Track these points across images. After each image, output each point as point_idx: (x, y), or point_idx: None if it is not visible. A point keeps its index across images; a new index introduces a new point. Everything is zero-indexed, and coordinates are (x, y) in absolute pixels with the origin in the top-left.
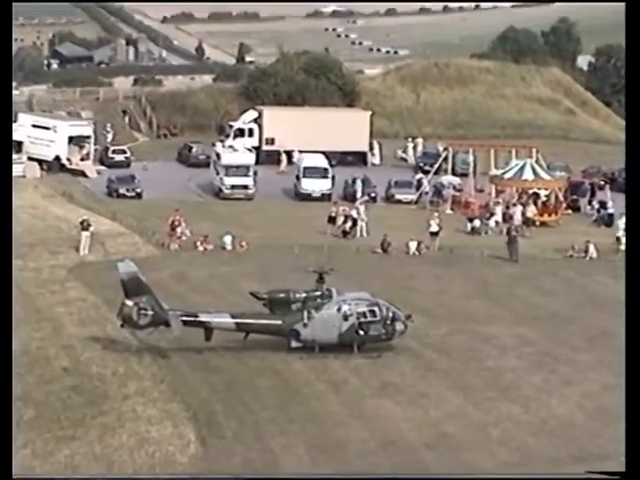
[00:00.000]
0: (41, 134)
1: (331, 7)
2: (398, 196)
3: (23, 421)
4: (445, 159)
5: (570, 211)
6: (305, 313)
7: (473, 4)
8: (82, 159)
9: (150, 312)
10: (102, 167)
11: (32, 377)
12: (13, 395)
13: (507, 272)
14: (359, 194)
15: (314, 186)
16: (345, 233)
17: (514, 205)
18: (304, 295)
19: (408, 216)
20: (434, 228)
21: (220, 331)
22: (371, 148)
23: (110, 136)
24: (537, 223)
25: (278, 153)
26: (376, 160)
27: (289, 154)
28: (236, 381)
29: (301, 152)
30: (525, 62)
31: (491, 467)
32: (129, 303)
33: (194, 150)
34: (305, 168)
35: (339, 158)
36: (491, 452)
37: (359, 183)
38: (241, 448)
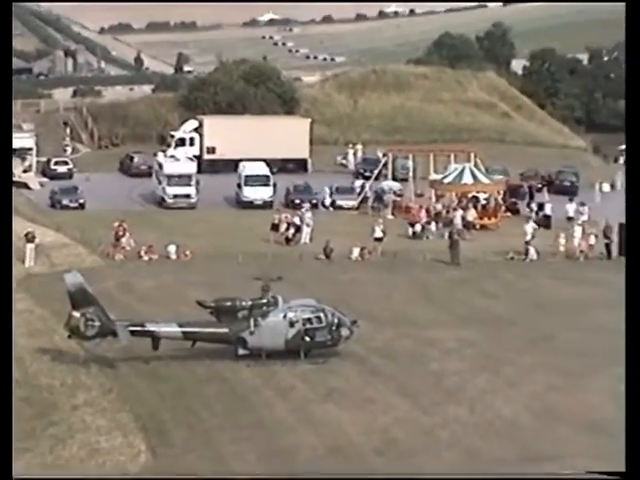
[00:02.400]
0: None
1: (267, 15)
2: (339, 202)
3: None
4: (385, 165)
5: (509, 214)
6: (251, 321)
7: (408, 8)
8: (25, 171)
9: (97, 323)
10: (44, 179)
11: None
12: None
13: (449, 276)
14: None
15: (256, 194)
16: (288, 240)
17: (454, 209)
18: (250, 303)
19: (350, 222)
20: (378, 234)
21: (167, 340)
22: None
23: (70, 149)
24: (477, 226)
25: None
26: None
27: None
28: (184, 389)
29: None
30: (461, 67)
31: (441, 471)
32: (76, 314)
33: (136, 160)
34: (247, 176)
35: (280, 165)
36: (440, 456)
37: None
38: (192, 456)
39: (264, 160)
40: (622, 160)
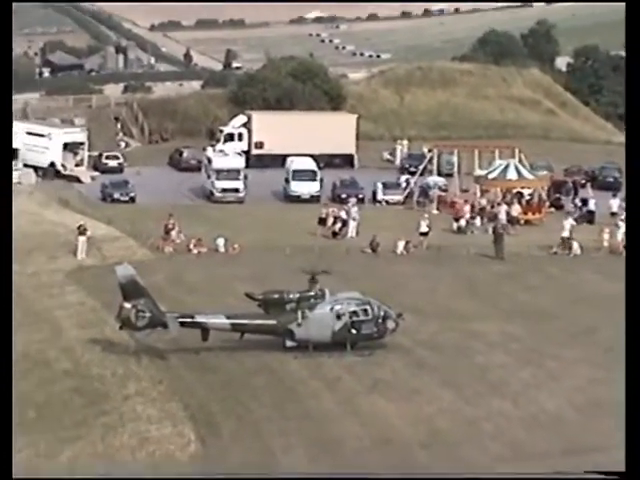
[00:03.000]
0: (36, 141)
1: (314, 13)
2: (385, 197)
3: (25, 423)
4: (430, 160)
5: (553, 209)
6: (299, 313)
7: (452, 7)
8: (76, 165)
9: (148, 314)
10: (96, 173)
11: (33, 379)
12: (14, 397)
13: (494, 270)
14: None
15: (303, 188)
16: (335, 234)
17: (499, 204)
18: (298, 295)
19: (395, 217)
20: (424, 229)
21: (216, 332)
22: None
23: (123, 144)
24: (521, 221)
25: None
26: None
27: None
28: (232, 380)
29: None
30: (505, 64)
31: (485, 463)
32: (127, 306)
33: (185, 155)
34: (294, 171)
35: (327, 160)
36: (484, 447)
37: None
38: (240, 447)
39: (311, 155)
40: None
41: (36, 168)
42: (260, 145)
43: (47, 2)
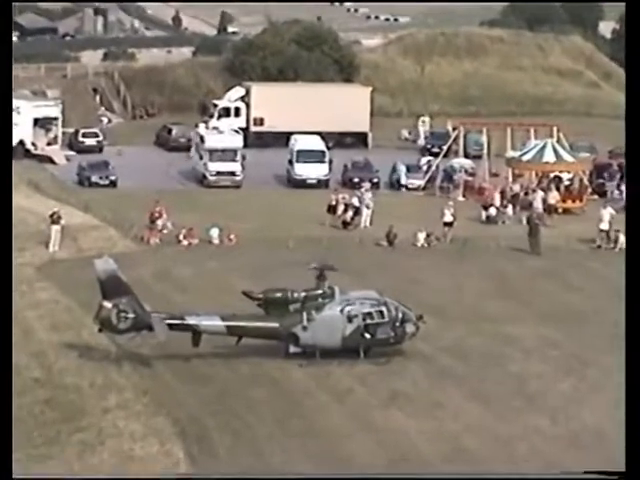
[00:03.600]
0: None
1: None
2: (404, 181)
3: None
4: (455, 140)
5: (596, 196)
6: (304, 314)
7: None
8: (49, 144)
9: (131, 315)
10: (71, 152)
11: None
12: None
13: (528, 265)
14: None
15: (309, 171)
16: (346, 224)
17: (534, 191)
18: (303, 294)
19: (415, 204)
20: (448, 218)
21: (209, 335)
22: None
23: (105, 120)
24: (560, 210)
25: None
26: None
27: None
28: (228, 392)
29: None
30: (542, 30)
31: None
32: (107, 305)
33: (174, 132)
34: (299, 151)
35: (337, 139)
36: (518, 470)
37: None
38: (236, 467)
39: (319, 133)
40: None
41: None
42: (260, 121)
43: None
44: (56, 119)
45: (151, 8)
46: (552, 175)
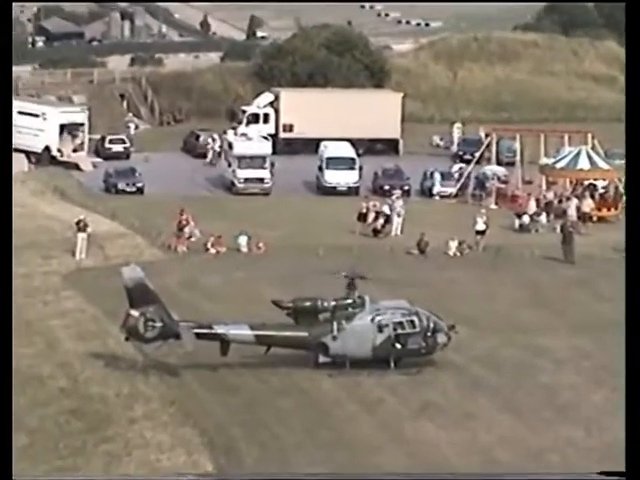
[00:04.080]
0: (28, 122)
1: None
2: (437, 189)
3: (15, 449)
4: (488, 146)
5: None
6: (334, 324)
7: None
8: (75, 150)
9: (158, 323)
10: (98, 159)
11: (24, 399)
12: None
13: (562, 274)
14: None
15: (339, 179)
16: (376, 232)
17: (568, 198)
18: (333, 304)
19: (447, 212)
20: (480, 226)
21: (238, 345)
22: None
23: (133, 126)
24: (594, 218)
25: None
26: None
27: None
28: (256, 402)
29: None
30: (577, 35)
31: None
32: (135, 313)
33: (202, 139)
34: (329, 158)
35: (367, 146)
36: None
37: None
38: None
39: (349, 140)
40: None
41: (28, 153)
42: (289, 128)
43: None
44: (82, 125)
45: (179, 12)
46: (587, 182)
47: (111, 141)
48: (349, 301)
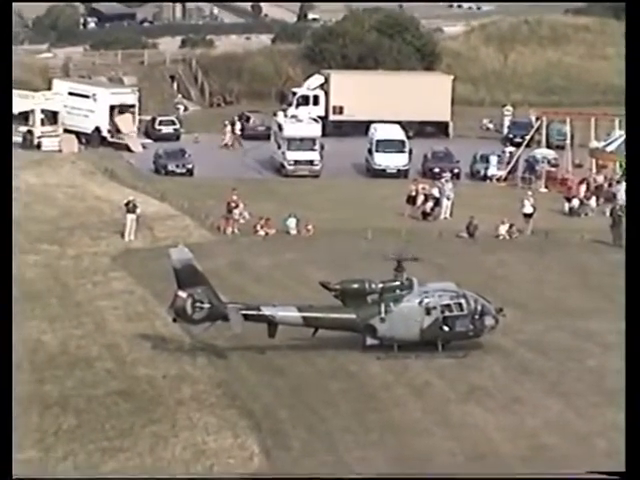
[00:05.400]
0: (79, 103)
1: None
2: (491, 172)
3: (62, 430)
4: (538, 130)
5: None
6: (382, 306)
7: None
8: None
9: (206, 305)
10: (148, 140)
11: (71, 380)
12: (52, 401)
13: (611, 259)
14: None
15: (389, 161)
16: (425, 215)
17: (618, 182)
18: (381, 286)
19: (496, 195)
20: (528, 209)
21: (285, 327)
22: None
23: (182, 108)
24: None
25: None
26: None
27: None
28: (304, 385)
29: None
30: None
31: None
32: (183, 295)
33: (252, 120)
34: (378, 141)
35: (417, 129)
36: (597, 467)
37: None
38: (311, 461)
39: (399, 122)
40: None
41: (79, 134)
42: (339, 110)
43: None
44: (133, 106)
45: None
46: None
47: (161, 122)
48: (397, 283)
